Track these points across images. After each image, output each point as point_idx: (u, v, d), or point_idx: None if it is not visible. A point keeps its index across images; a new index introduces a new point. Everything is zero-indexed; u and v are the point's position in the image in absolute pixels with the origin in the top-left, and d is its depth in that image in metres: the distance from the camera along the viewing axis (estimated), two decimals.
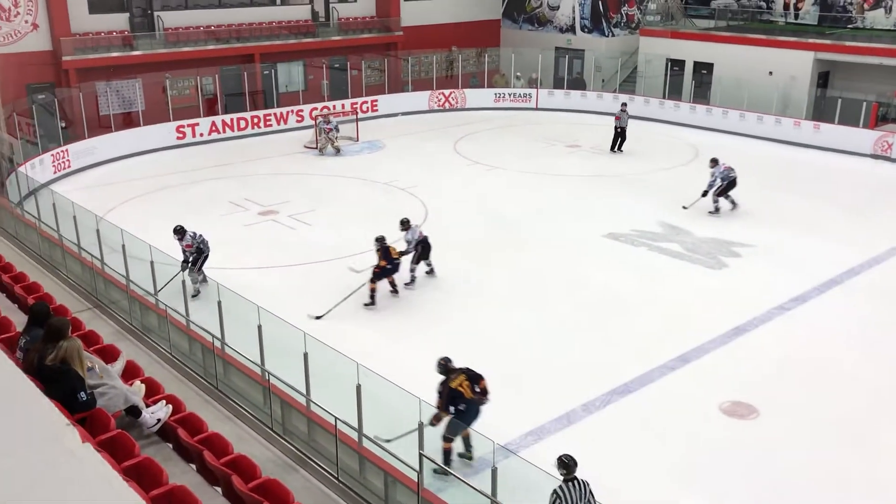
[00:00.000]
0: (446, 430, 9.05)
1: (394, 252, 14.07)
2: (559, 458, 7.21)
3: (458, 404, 9.11)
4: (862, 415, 10.81)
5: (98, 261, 12.58)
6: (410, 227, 14.88)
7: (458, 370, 9.40)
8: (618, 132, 24.98)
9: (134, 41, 26.45)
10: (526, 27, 35.72)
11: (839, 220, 18.69)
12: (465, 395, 9.17)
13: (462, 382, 9.26)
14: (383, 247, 13.96)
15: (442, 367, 9.45)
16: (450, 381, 9.26)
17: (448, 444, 9.14)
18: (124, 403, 6.92)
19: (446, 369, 9.41)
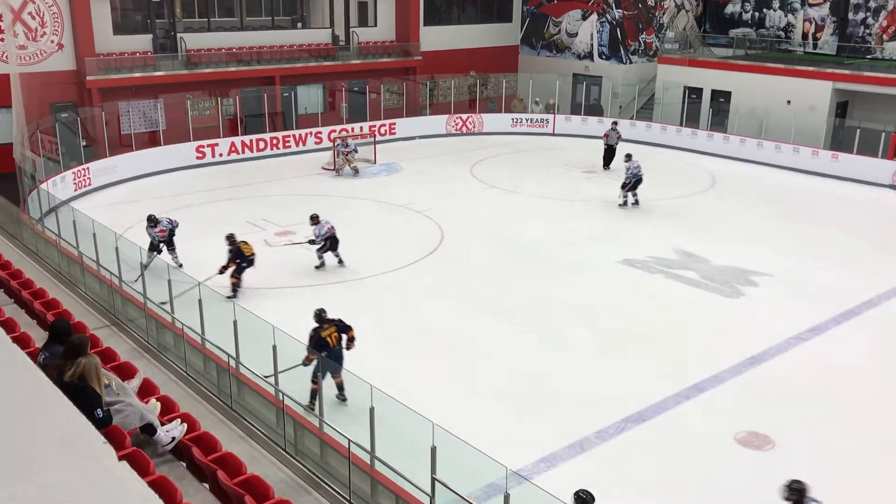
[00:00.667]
0: (313, 374, 10.43)
1: (247, 249, 14.81)
2: (576, 494, 7.16)
3: (323, 351, 10.44)
4: (878, 448, 10.68)
5: (116, 278, 12.69)
6: (319, 222, 16.24)
7: (330, 321, 10.86)
8: (606, 150, 26.02)
9: (156, 62, 26.82)
10: (544, 53, 35.94)
11: (857, 250, 18.57)
12: (331, 343, 10.68)
13: (331, 333, 10.75)
14: (235, 247, 14.76)
15: (317, 316, 10.94)
16: (321, 329, 10.73)
17: (315, 385, 10.36)
18: (140, 421, 6.95)
19: (320, 318, 10.90)
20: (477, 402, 11.62)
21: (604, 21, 33.43)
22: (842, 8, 31.60)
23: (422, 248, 18.06)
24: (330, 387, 10.83)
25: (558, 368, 12.66)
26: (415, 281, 16.38)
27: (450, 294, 15.66)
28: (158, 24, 27.54)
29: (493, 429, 10.66)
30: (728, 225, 20.31)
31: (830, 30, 32.19)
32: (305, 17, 31.53)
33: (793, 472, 10.02)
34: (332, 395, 10.86)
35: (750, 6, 34.49)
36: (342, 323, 10.93)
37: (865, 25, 31.20)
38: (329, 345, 10.66)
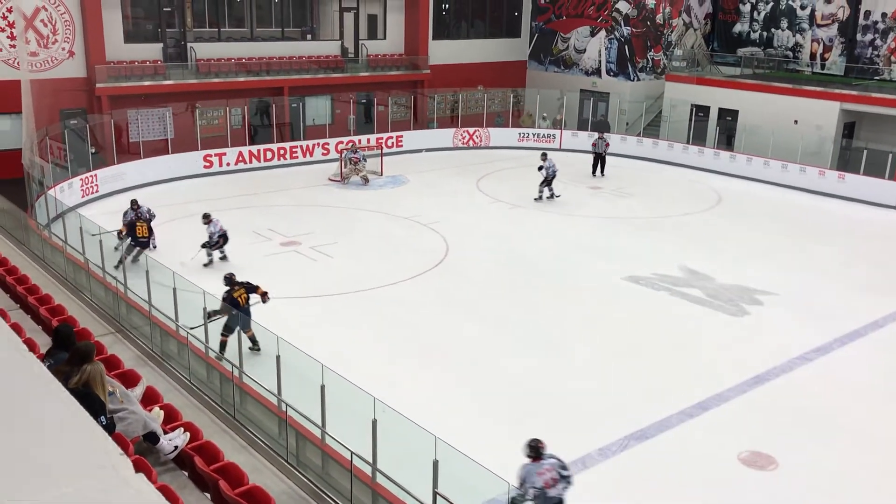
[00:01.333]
0: (223, 328, 11.96)
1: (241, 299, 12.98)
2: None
3: (234, 310, 12.02)
4: (881, 469, 10.62)
5: (122, 285, 12.73)
6: (211, 220, 17.12)
7: (240, 284, 12.71)
8: (595, 157, 27.37)
9: (166, 71, 26.98)
10: (552, 69, 36.05)
11: (862, 270, 18.53)
12: (241, 303, 12.46)
13: (241, 294, 12.59)
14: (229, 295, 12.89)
15: (227, 280, 12.80)
16: (233, 291, 12.54)
17: (224, 338, 11.91)
18: (143, 429, 6.96)
19: (230, 282, 12.72)
20: (480, 417, 11.59)
21: (612, 38, 33.54)
22: (850, 29, 31.68)
23: (427, 261, 18.07)
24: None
25: (562, 384, 12.63)
26: (419, 293, 16.38)
27: (454, 307, 15.66)
28: (169, 33, 27.72)
29: (496, 443, 10.62)
30: (733, 243, 20.30)
31: (838, 51, 32.25)
32: (315, 29, 31.70)
33: (796, 493, 9.99)
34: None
35: (758, 26, 34.58)
36: (250, 285, 12.83)
37: (873, 47, 31.25)
38: (239, 304, 12.46)
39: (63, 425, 3.01)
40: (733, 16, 35.40)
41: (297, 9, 31.24)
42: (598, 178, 27.08)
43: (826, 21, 32.47)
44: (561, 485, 8.32)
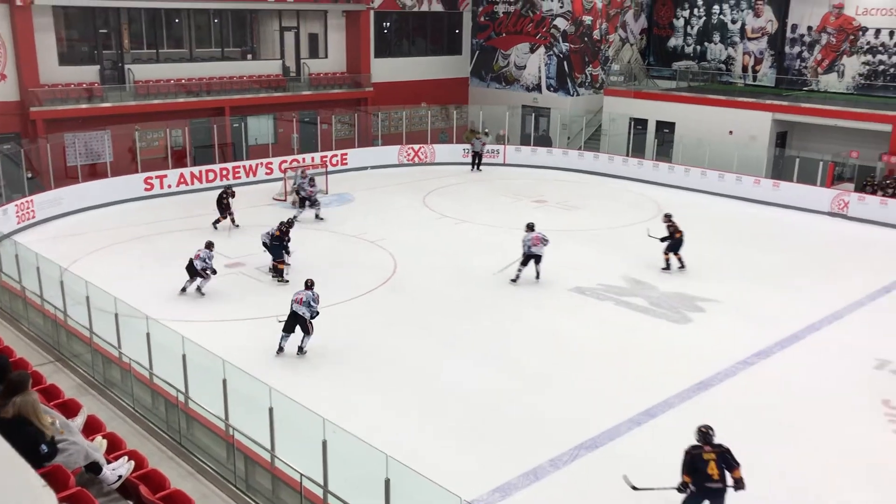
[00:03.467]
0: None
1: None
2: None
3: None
4: (824, 472, 10.93)
5: (61, 313, 12.41)
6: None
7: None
8: (473, 155, 30.43)
9: (104, 93, 26.50)
10: (494, 85, 36.47)
11: (799, 276, 19.10)
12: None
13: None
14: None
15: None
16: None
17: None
18: (85, 460, 6.79)
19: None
20: (430, 433, 11.59)
21: (551, 54, 34.10)
22: (779, 42, 32.80)
23: (375, 279, 18.05)
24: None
25: (511, 396, 12.71)
26: (367, 311, 16.33)
27: (403, 324, 15.66)
28: (106, 54, 27.25)
29: (447, 459, 10.64)
30: None
31: (769, 63, 33.35)
32: (255, 49, 31.51)
33: (743, 495, 10.20)
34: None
35: (692, 40, 35.56)
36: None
37: (801, 59, 32.41)
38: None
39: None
40: (667, 30, 36.35)
41: (236, 29, 31.02)
42: (475, 172, 30.34)
43: (756, 34, 33.56)
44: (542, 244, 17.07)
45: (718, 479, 8.65)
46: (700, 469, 8.67)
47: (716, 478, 8.64)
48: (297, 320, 13.86)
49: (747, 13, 33.56)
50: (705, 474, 8.66)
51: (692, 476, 8.70)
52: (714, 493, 8.71)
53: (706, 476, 8.65)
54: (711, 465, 8.68)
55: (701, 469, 8.66)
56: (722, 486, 8.70)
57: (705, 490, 8.70)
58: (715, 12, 34.59)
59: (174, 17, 28.99)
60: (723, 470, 8.71)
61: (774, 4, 32.73)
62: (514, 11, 34.93)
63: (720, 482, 8.66)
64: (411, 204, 25.46)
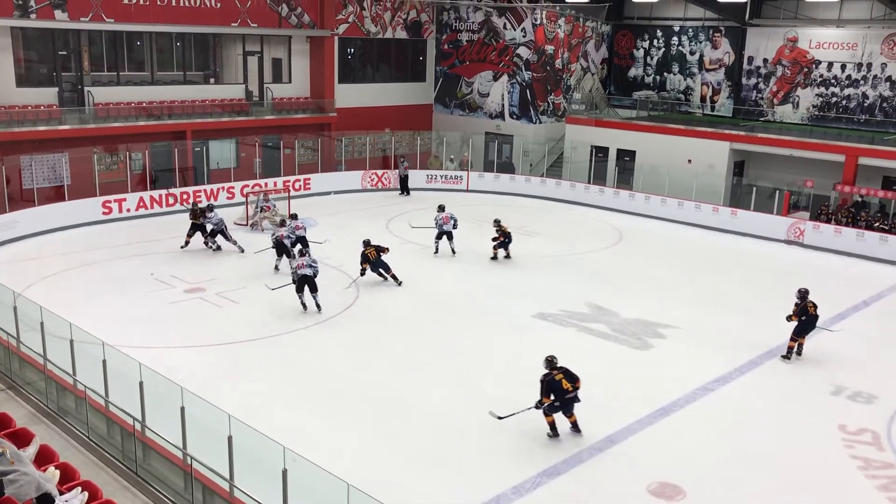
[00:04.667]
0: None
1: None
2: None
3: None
4: (783, 492, 11.05)
5: (14, 339, 12.11)
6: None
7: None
8: (402, 179, 31.30)
9: (62, 115, 26.12)
10: (457, 112, 36.74)
11: (757, 302, 19.41)
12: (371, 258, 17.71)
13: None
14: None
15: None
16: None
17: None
18: (36, 491, 6.60)
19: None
20: (393, 461, 11.49)
21: (514, 82, 34.50)
22: (736, 73, 33.62)
23: (337, 304, 17.93)
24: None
25: (473, 423, 12.66)
26: (330, 338, 16.21)
27: (365, 350, 15.56)
28: (65, 76, 26.89)
29: (410, 488, 10.55)
30: (635, 279, 20.96)
31: (726, 93, 34.14)
32: (218, 73, 31.36)
33: None
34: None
35: (652, 70, 36.27)
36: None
37: (757, 90, 33.23)
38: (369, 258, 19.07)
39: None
40: (628, 60, 37.04)
41: (199, 52, 30.86)
42: (405, 197, 30.76)
43: (714, 66, 34.36)
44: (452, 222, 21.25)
45: (572, 390, 11.76)
46: (556, 387, 11.69)
47: (570, 390, 11.75)
48: (305, 281, 16.89)
49: (705, 45, 34.36)
50: (562, 390, 11.70)
51: (553, 396, 11.71)
52: (570, 401, 11.88)
53: (563, 391, 11.70)
54: (563, 381, 11.73)
55: (556, 387, 11.69)
56: (575, 394, 11.83)
57: (564, 401, 11.82)
58: (674, 44, 35.36)
59: (136, 40, 28.77)
60: (570, 380, 11.78)
61: (731, 37, 33.57)
62: (477, 40, 35.32)
63: (573, 392, 11.80)
64: (374, 229, 25.37)
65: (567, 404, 11.85)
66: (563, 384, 11.66)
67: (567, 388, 11.68)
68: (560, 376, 11.72)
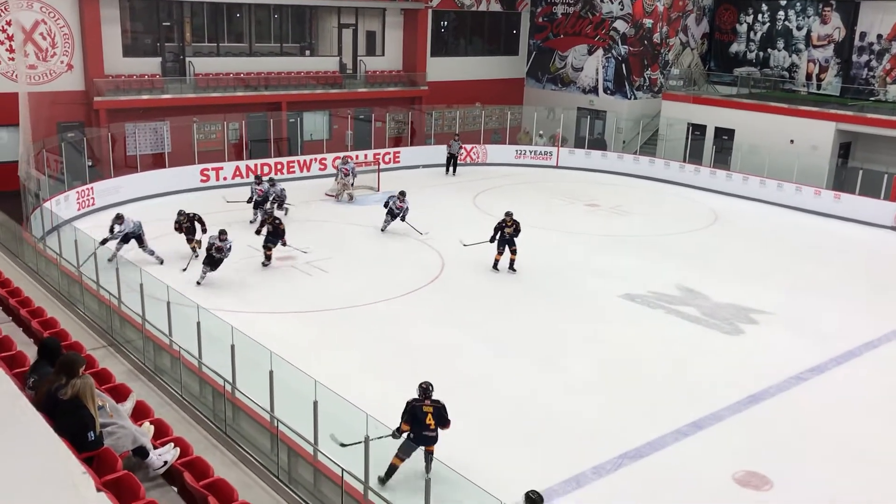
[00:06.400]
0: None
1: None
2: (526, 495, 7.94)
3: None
4: (875, 488, 10.56)
5: (115, 299, 12.67)
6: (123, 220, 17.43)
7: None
8: (449, 158, 29.47)
9: (164, 85, 27.03)
10: (550, 87, 36.21)
11: (858, 291, 18.53)
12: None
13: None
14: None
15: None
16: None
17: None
18: (132, 444, 6.88)
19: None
20: (473, 434, 11.51)
21: (609, 56, 33.72)
22: (846, 50, 31.89)
23: (422, 277, 18.04)
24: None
25: (557, 401, 12.57)
26: (415, 310, 16.34)
27: (449, 323, 15.62)
28: (168, 47, 27.79)
29: (490, 462, 10.57)
30: (729, 262, 20.31)
31: (834, 71, 32.45)
32: (314, 45, 31.81)
33: None
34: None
35: (755, 46, 34.80)
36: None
37: (869, 68, 31.45)
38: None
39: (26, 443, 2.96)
40: (730, 35, 35.64)
41: (295, 25, 31.36)
42: (449, 175, 29.49)
43: (822, 42, 32.68)
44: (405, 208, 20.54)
45: (434, 428, 9.91)
46: (419, 419, 9.85)
47: (432, 427, 9.91)
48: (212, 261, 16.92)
49: (814, 20, 32.70)
50: (424, 424, 9.87)
51: (411, 425, 9.82)
52: (428, 440, 9.95)
53: (424, 426, 9.86)
54: (429, 416, 9.93)
55: (420, 419, 9.85)
56: (435, 434, 9.96)
57: (422, 437, 9.85)
58: (780, 18, 33.79)
59: (235, 12, 29.44)
60: (438, 421, 9.90)
61: (842, 11, 31.82)
62: (572, 13, 34.62)
63: (434, 431, 9.93)
64: (461, 203, 25.42)
65: (422, 441, 9.90)
66: (428, 419, 9.88)
67: (429, 424, 9.86)
68: (429, 409, 9.93)
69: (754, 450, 11.35)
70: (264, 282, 17.45)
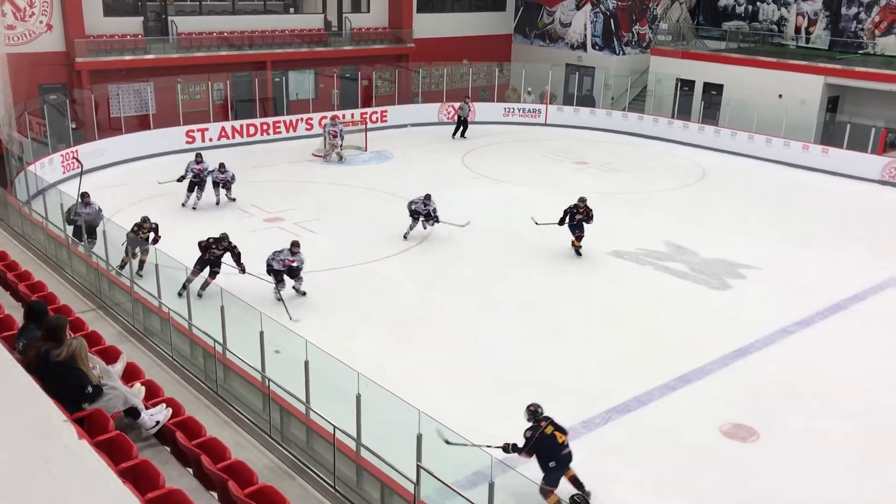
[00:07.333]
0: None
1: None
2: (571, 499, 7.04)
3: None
4: (861, 440, 10.75)
5: (103, 262, 12.62)
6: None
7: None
8: (459, 121, 28.64)
9: (147, 45, 26.61)
10: (537, 43, 35.85)
11: (845, 244, 18.66)
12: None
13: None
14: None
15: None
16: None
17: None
18: (124, 405, 6.91)
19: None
20: (463, 390, 11.63)
21: (597, 11, 33.36)
22: (835, 3, 31.64)
23: (410, 238, 18.02)
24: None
25: (546, 357, 12.67)
26: (404, 270, 16.36)
27: (438, 283, 15.66)
28: (149, 6, 27.29)
29: (480, 417, 10.68)
30: (718, 218, 20.38)
31: (823, 24, 32.23)
32: (298, 3, 31.30)
33: (777, 465, 10.11)
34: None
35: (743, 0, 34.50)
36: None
37: (858, 20, 31.25)
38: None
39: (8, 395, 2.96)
40: None
41: None
42: (457, 140, 28.49)
43: None
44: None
45: (566, 442, 8.85)
46: (549, 444, 8.77)
47: (564, 442, 8.85)
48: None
49: None
50: (557, 445, 8.79)
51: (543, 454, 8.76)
52: (567, 458, 8.91)
53: (559, 446, 8.81)
54: (557, 434, 8.87)
55: (550, 444, 8.77)
56: (569, 449, 8.89)
57: (561, 458, 8.85)
58: None
59: None
60: (563, 433, 8.90)
61: None
62: None
63: (567, 446, 8.86)
64: (450, 163, 25.31)
65: (564, 463, 8.95)
66: (558, 437, 8.87)
67: (562, 442, 8.88)
68: (550, 429, 8.92)
69: (741, 403, 11.51)
70: (252, 243, 17.37)
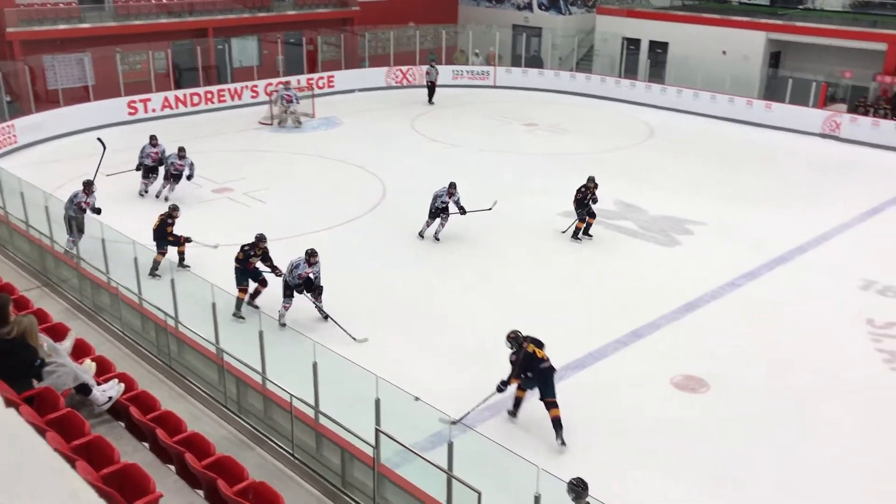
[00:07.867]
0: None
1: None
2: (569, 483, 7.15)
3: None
4: (807, 390, 11.11)
5: (47, 238, 12.32)
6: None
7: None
8: (429, 86, 28.41)
9: (81, 13, 25.74)
10: (484, 4, 35.61)
11: (788, 197, 19.09)
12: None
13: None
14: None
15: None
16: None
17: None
18: (73, 381, 6.82)
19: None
20: (419, 355, 11.69)
21: None
22: None
23: (363, 205, 17.94)
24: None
25: (499, 319, 12.75)
26: (357, 237, 16.28)
27: (391, 249, 15.64)
28: None
29: (437, 381, 10.77)
30: (665, 175, 20.65)
31: None
32: None
33: (726, 414, 10.42)
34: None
35: None
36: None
37: None
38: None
39: None
40: None
41: None
42: (433, 105, 28.19)
43: None
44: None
45: (546, 357, 9.62)
46: (531, 361, 9.57)
47: (544, 358, 9.62)
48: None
49: None
50: (536, 359, 9.60)
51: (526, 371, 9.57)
52: (546, 373, 9.64)
53: (538, 360, 9.60)
54: (536, 350, 9.64)
55: (531, 360, 9.57)
56: (549, 363, 9.64)
57: (540, 371, 9.62)
58: None
59: None
60: (541, 348, 9.68)
61: None
62: None
63: (547, 360, 9.63)
64: (400, 128, 25.14)
65: (543, 376, 9.66)
66: (537, 353, 9.65)
67: (541, 357, 9.63)
68: (532, 347, 9.67)
69: (691, 356, 11.79)
70: (201, 214, 17.11)
